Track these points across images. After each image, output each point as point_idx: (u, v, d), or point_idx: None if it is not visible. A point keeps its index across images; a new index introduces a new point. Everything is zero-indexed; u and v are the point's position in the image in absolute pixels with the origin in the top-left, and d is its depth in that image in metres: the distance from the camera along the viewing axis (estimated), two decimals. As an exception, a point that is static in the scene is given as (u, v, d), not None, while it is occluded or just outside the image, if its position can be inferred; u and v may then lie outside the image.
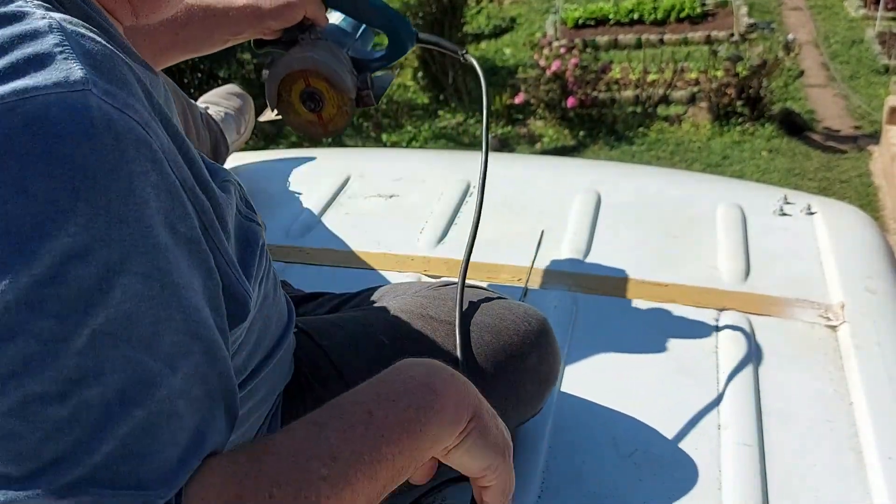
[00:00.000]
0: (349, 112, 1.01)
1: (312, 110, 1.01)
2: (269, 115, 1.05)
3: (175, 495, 0.44)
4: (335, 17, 1.06)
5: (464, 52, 1.05)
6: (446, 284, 0.91)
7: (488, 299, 0.88)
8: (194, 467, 0.45)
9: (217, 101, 1.52)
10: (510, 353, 0.84)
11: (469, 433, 0.57)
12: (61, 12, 0.49)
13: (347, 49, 1.03)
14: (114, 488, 0.41)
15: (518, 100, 4.73)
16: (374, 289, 0.96)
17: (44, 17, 0.46)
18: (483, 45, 5.93)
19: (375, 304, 0.91)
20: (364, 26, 1.07)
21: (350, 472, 0.49)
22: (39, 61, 0.43)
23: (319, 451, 0.49)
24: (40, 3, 0.48)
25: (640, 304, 1.12)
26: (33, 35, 0.44)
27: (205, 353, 0.47)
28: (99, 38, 0.47)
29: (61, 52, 0.44)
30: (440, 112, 5.02)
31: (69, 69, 0.43)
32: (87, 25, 0.49)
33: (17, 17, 0.45)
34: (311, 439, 0.50)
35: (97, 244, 0.40)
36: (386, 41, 1.06)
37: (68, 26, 0.46)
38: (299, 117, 1.03)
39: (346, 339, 0.83)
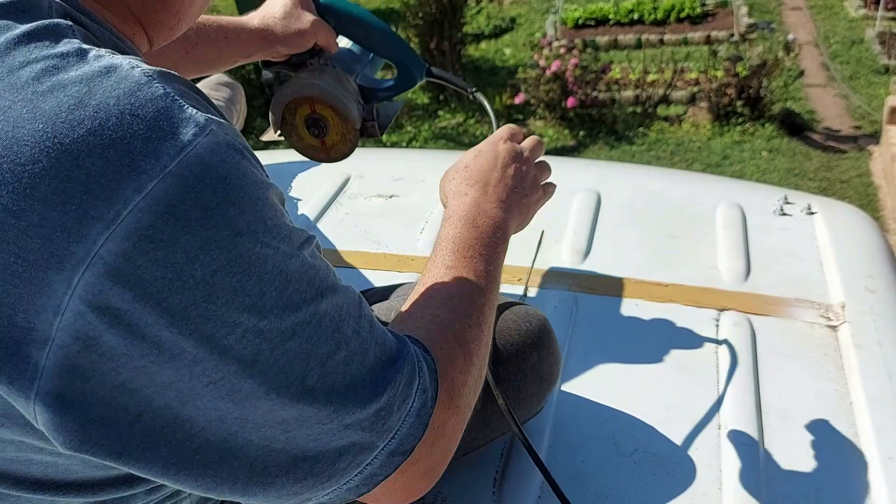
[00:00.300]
0: (353, 141, 1.00)
1: (316, 136, 0.99)
2: (272, 135, 1.03)
3: (417, 353, 0.58)
4: (344, 42, 1.04)
5: (473, 89, 1.04)
6: None
7: None
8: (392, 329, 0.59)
9: (206, 94, 1.50)
10: (511, 352, 0.85)
11: (517, 227, 0.83)
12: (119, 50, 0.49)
13: (356, 76, 1.01)
14: (393, 371, 0.54)
15: (518, 100, 4.72)
16: (376, 289, 0.96)
17: (132, 66, 0.45)
18: (483, 45, 5.92)
19: (377, 305, 0.91)
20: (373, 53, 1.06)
21: (490, 296, 0.69)
22: (166, 116, 0.44)
23: (474, 288, 0.68)
24: (90, 46, 0.47)
25: (640, 304, 1.12)
26: (139, 89, 0.44)
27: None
28: (172, 73, 0.48)
29: (172, 100, 0.45)
30: (440, 112, 5.02)
31: (191, 114, 0.45)
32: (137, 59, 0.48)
33: (111, 70, 0.45)
34: (461, 282, 0.68)
35: (285, 243, 0.48)
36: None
37: (147, 66, 0.46)
38: (302, 141, 1.01)
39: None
